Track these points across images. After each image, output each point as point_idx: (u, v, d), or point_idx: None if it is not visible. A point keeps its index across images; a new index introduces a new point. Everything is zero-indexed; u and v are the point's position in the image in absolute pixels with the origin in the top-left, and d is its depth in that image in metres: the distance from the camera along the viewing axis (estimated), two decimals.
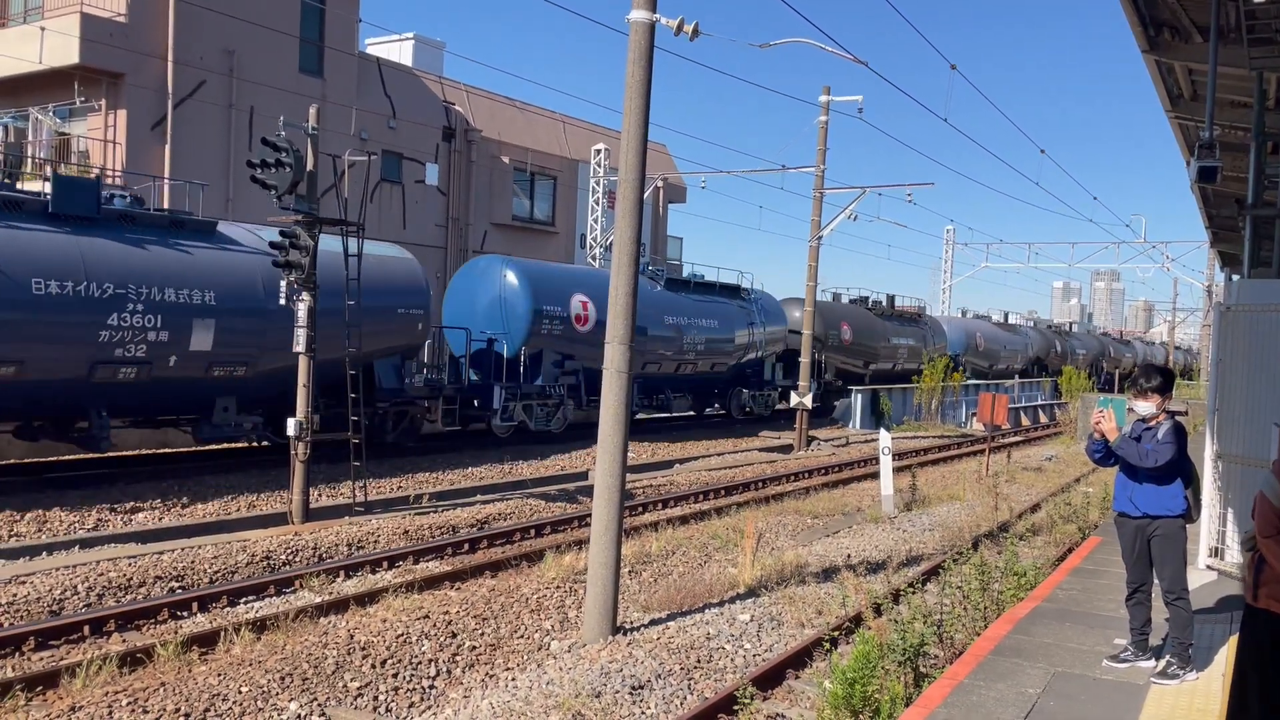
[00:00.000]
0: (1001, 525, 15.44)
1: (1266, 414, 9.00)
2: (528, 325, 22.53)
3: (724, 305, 29.33)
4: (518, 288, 22.62)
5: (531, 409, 22.81)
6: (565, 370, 23.61)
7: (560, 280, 24.04)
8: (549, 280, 23.56)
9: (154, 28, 22.12)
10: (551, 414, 23.29)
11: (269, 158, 13.90)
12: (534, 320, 22.59)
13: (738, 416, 30.48)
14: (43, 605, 10.03)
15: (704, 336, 27.82)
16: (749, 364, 30.44)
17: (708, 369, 28.65)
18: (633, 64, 9.58)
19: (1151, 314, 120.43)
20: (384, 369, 19.48)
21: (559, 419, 23.47)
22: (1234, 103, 14.21)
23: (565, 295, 23.63)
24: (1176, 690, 6.56)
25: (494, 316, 22.68)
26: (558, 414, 23.44)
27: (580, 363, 23.75)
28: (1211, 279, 50.89)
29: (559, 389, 23.37)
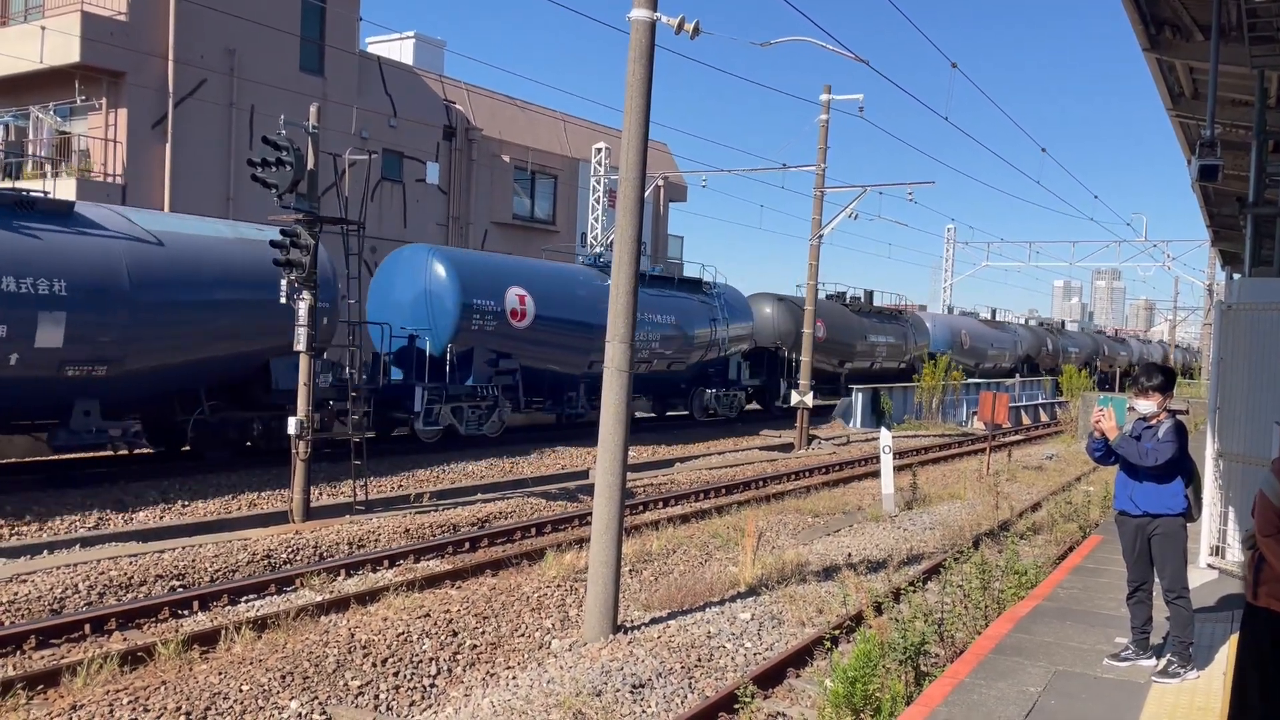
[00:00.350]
0: (1002, 524, 15.44)
1: (1267, 413, 8.99)
2: (456, 320, 20.79)
3: (683, 300, 27.69)
4: (445, 279, 20.77)
5: (461, 411, 20.99)
6: (500, 370, 21.92)
7: (494, 271, 22.27)
8: (481, 271, 21.82)
9: (155, 27, 22.12)
10: (484, 417, 21.50)
11: (270, 156, 13.90)
12: (463, 315, 20.89)
13: (700, 418, 29.22)
14: (44, 604, 10.04)
15: (660, 334, 26.06)
16: (712, 363, 29.14)
17: (664, 368, 26.89)
18: (633, 63, 9.58)
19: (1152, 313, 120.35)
20: (281, 368, 17.43)
21: (494, 422, 21.73)
22: (1235, 101, 14.19)
23: (500, 288, 21.90)
24: (1177, 689, 6.56)
25: (420, 311, 20.93)
26: (492, 417, 21.64)
27: (517, 361, 22.24)
28: (1212, 278, 50.88)
29: (493, 390, 21.65)
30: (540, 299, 22.67)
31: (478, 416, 21.38)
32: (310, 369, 14.58)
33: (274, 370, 17.47)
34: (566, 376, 23.97)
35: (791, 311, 32.54)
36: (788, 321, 32.50)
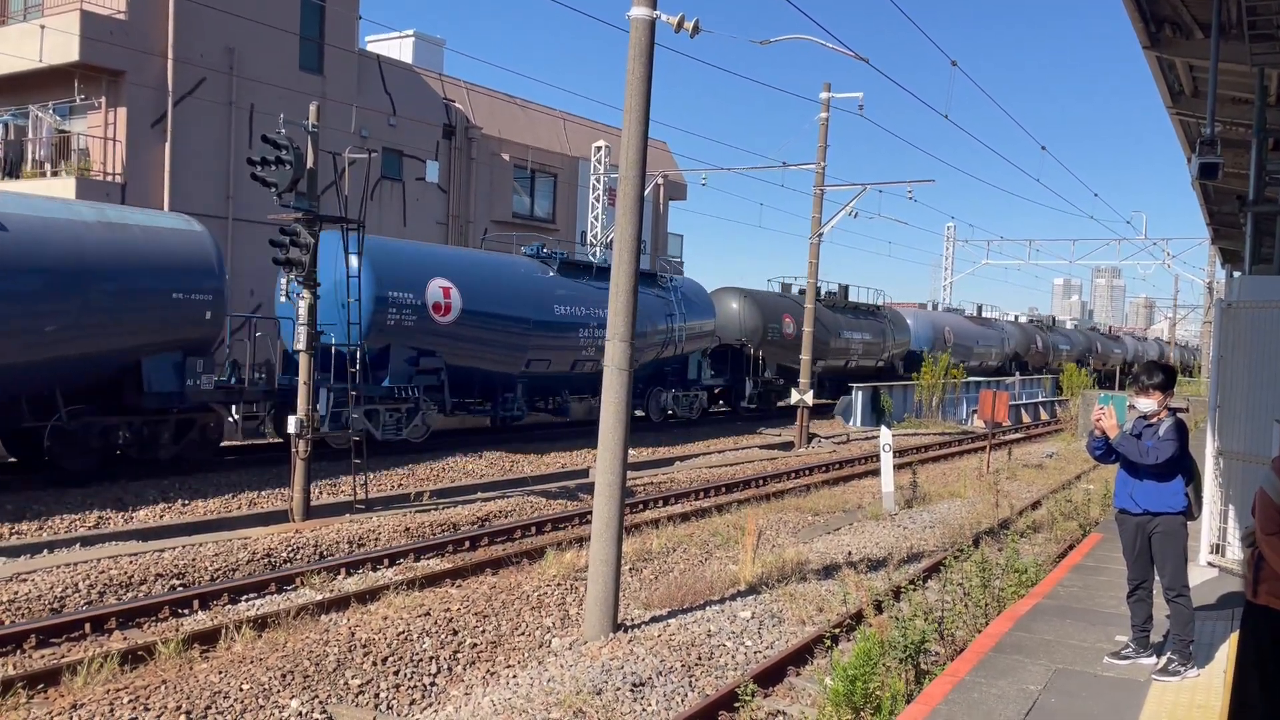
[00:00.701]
0: (1002, 522, 15.44)
1: (1267, 411, 8.99)
2: (369, 315, 18.77)
3: None
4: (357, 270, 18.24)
5: (377, 415, 19.04)
6: (422, 368, 20.06)
7: (415, 262, 20.34)
8: (400, 261, 19.92)
9: (154, 25, 22.10)
10: (404, 420, 19.63)
11: (269, 155, 13.89)
12: (377, 309, 19.06)
13: (656, 419, 27.46)
14: (44, 603, 10.04)
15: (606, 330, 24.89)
16: (669, 361, 27.36)
17: None
18: (633, 61, 9.57)
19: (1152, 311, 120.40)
20: (156, 368, 15.74)
21: (416, 426, 19.86)
22: (1235, 99, 14.19)
23: (421, 280, 20.04)
24: (1178, 687, 6.56)
25: (329, 304, 18.01)
26: (414, 420, 19.77)
27: (442, 359, 20.29)
28: (1212, 276, 50.85)
29: (413, 391, 19.76)
30: (469, 292, 20.82)
31: (396, 420, 19.43)
32: (309, 367, 14.57)
33: (145, 371, 15.64)
34: (501, 376, 22.31)
35: (759, 307, 31.19)
36: (754, 318, 31.06)
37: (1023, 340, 50.31)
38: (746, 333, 30.97)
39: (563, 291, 23.36)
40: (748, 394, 30.64)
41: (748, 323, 31.14)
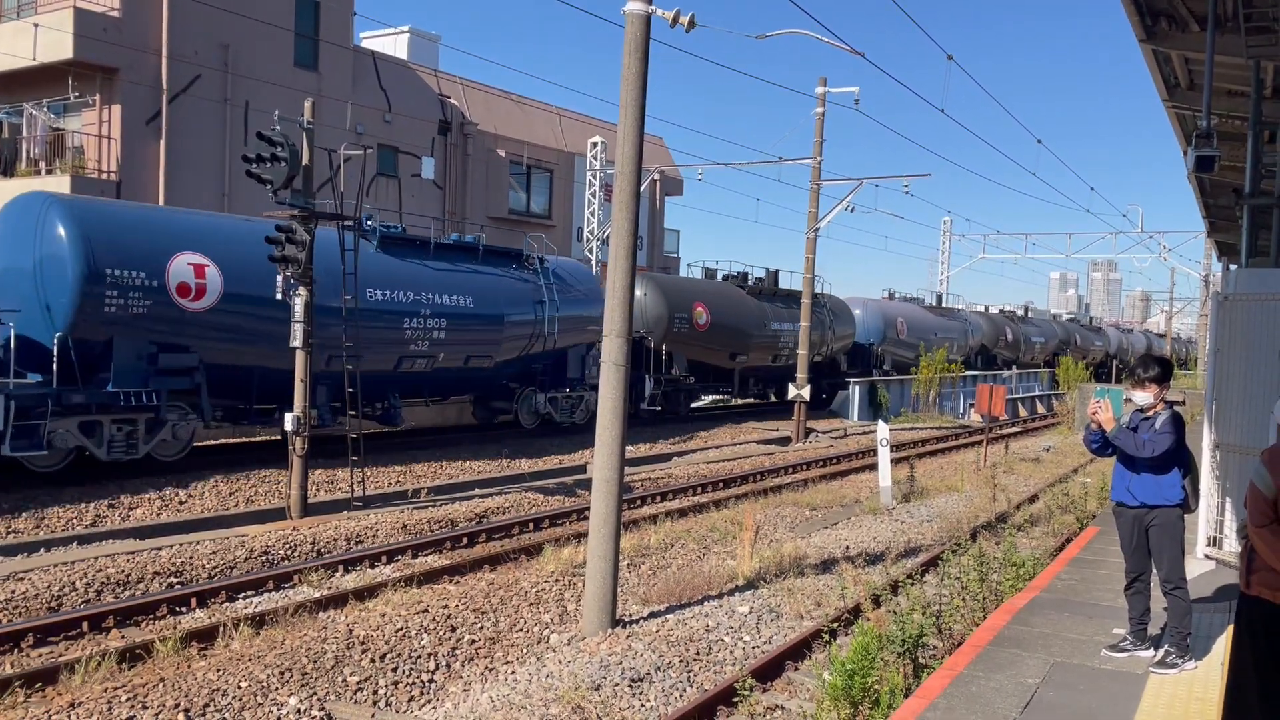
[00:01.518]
0: (1000, 516, 15.46)
1: (1264, 404, 8.99)
2: (73, 298, 14.54)
3: (488, 277, 21.10)
4: (64, 241, 14.60)
5: (97, 427, 14.92)
6: (165, 368, 15.65)
7: (151, 231, 15.66)
8: (126, 229, 15.34)
9: (148, 22, 22.04)
10: (142, 434, 15.47)
11: (264, 152, 13.86)
12: (87, 290, 14.59)
13: (528, 425, 22.88)
14: (41, 602, 10.03)
15: (445, 319, 19.62)
16: (540, 357, 22.69)
17: (459, 363, 20.45)
18: (629, 56, 9.56)
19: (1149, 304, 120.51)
20: None
21: (166, 441, 15.90)
22: (1231, 92, 14.18)
23: (159, 254, 15.47)
24: (1175, 679, 6.57)
25: (25, 285, 14.95)
26: (159, 434, 15.64)
27: (198, 356, 16.02)
28: (1209, 269, 50.87)
29: (153, 396, 15.43)
30: (233, 271, 16.24)
31: (126, 435, 15.30)
32: (306, 365, 14.55)
33: None
34: (282, 374, 16.58)
35: (664, 294, 27.11)
36: (659, 306, 26.85)
37: (990, 332, 46.93)
38: (650, 323, 26.66)
39: (383, 271, 18.55)
40: (647, 394, 26.21)
41: (652, 311, 26.72)
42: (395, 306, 18.75)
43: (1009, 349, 48.61)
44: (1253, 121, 12.50)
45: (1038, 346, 52.08)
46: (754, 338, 30.43)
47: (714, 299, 29.19)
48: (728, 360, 30.13)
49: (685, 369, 27.94)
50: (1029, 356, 50.73)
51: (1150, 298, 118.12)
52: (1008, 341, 48.51)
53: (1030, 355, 50.90)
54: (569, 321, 23.20)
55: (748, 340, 30.12)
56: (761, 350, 31.04)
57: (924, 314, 41.88)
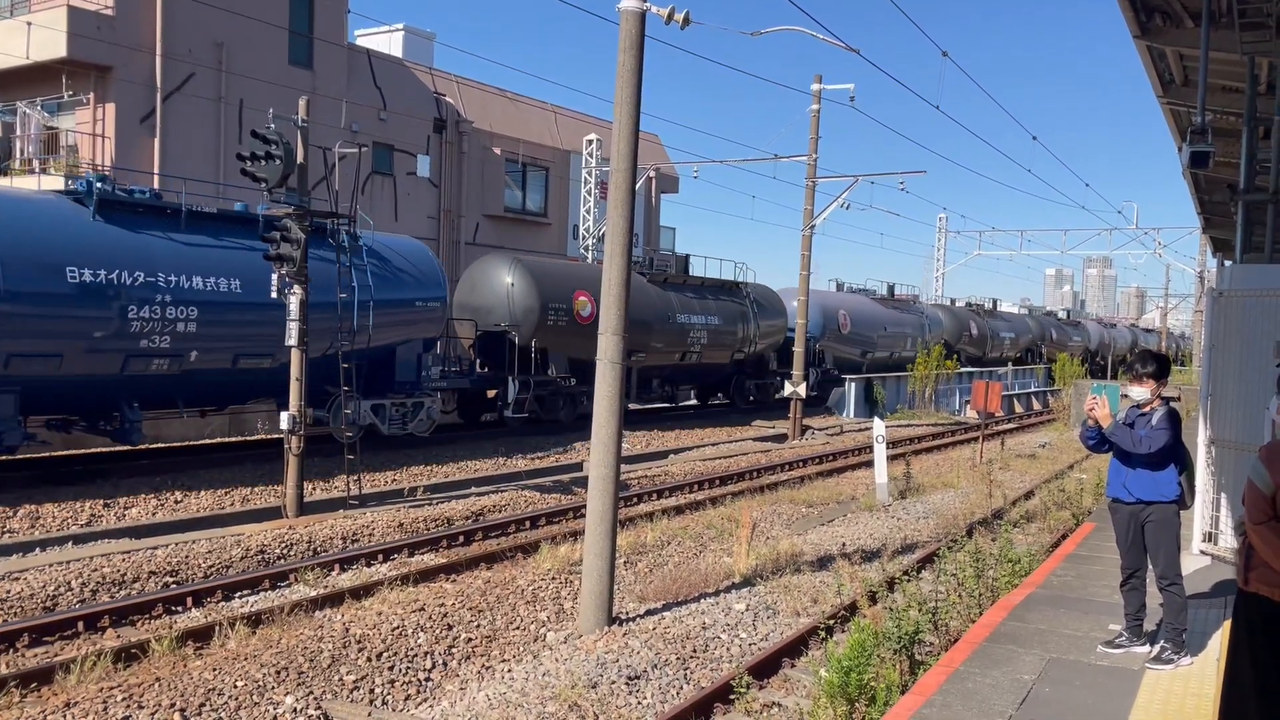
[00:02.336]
0: (996, 512, 15.48)
1: (1259, 399, 9.01)
2: None
3: (237, 256, 16.42)
4: None
5: None
6: None
7: None
8: None
9: (142, 20, 21.97)
10: None
11: (259, 150, 13.83)
12: None
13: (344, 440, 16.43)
14: (36, 602, 10.00)
15: (196, 310, 15.61)
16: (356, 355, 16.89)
17: (225, 364, 16.47)
18: (624, 53, 9.55)
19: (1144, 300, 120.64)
20: None
21: None
22: (1226, 88, 14.20)
23: None
24: (1171, 675, 6.58)
25: None
26: None
27: None
28: (1204, 265, 50.94)
29: None
30: None
31: None
32: (302, 363, 14.53)
33: None
34: None
35: (536, 282, 23.07)
36: (529, 296, 22.90)
37: (953, 327, 43.26)
38: (516, 315, 22.85)
39: (99, 245, 14.73)
40: (511, 398, 22.27)
41: (519, 302, 22.93)
42: (114, 290, 14.74)
43: (974, 345, 45.06)
44: (1247, 117, 12.52)
45: (1007, 343, 48.71)
46: (655, 332, 26.20)
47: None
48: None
49: (565, 368, 23.97)
50: (997, 354, 47.41)
51: (1145, 294, 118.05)
52: (972, 337, 44.96)
53: (999, 352, 47.53)
54: (399, 314, 19.12)
55: (646, 334, 25.62)
56: (666, 346, 26.88)
57: (874, 307, 37.97)
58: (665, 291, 26.97)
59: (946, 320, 43.36)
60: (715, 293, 29.17)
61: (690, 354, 28.04)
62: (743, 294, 30.31)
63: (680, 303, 27.28)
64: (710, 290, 28.98)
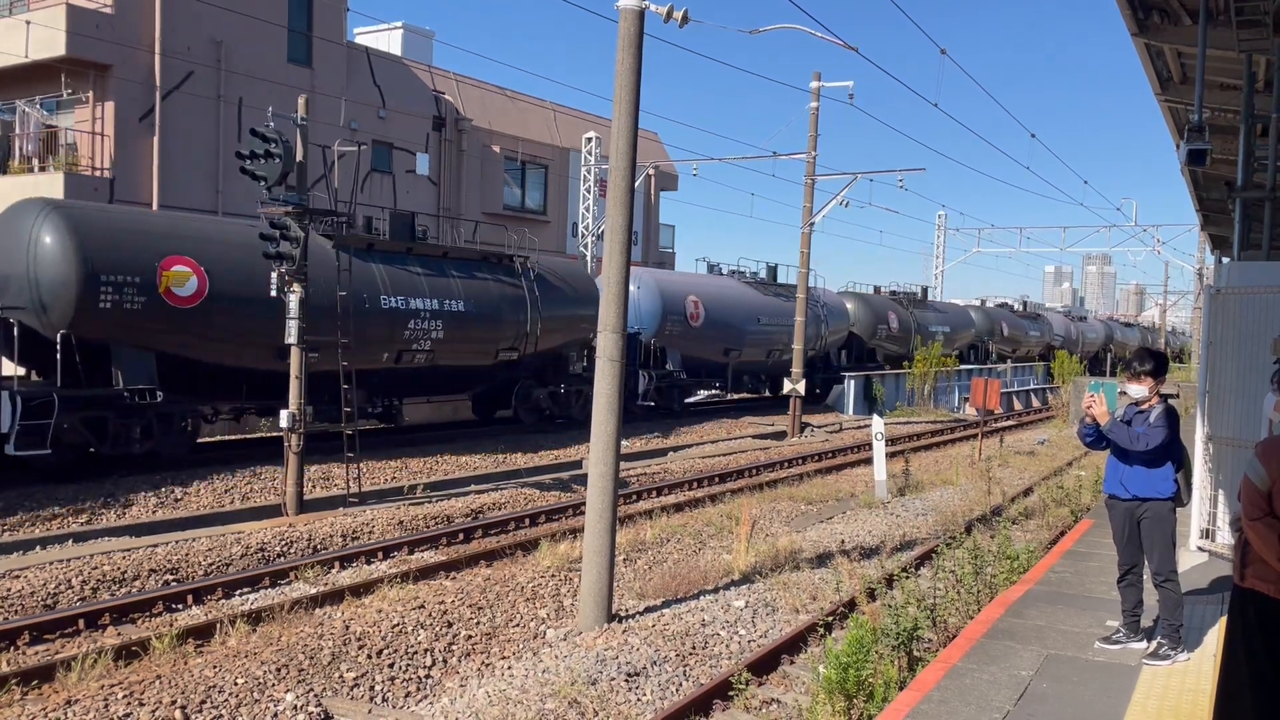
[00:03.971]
0: (994, 509, 15.51)
1: (1256, 396, 9.03)
2: None
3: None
4: None
5: None
6: None
7: None
8: None
9: (141, 19, 21.97)
10: None
11: (258, 149, 13.84)
12: None
13: None
14: (37, 600, 10.02)
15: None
16: None
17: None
18: (622, 51, 9.56)
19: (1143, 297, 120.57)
20: None
21: None
22: (1223, 85, 14.22)
23: None
24: (1168, 671, 6.61)
25: None
26: None
27: None
28: (1202, 262, 51.00)
29: None
30: None
31: None
32: (302, 361, 14.54)
33: None
34: None
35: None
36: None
37: (866, 320, 36.13)
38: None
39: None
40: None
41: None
42: None
43: (894, 341, 38.07)
44: (1245, 115, 12.54)
45: (941, 337, 40.92)
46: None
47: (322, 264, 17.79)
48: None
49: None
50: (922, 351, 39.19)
51: (1145, 291, 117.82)
52: (892, 331, 37.88)
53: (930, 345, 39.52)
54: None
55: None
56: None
57: (741, 292, 30.98)
58: (421, 276, 19.68)
59: (856, 310, 36.25)
60: (484, 270, 21.42)
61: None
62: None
63: (438, 286, 19.96)
64: (485, 269, 21.46)
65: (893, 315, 38.45)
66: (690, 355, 28.78)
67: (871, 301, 37.82)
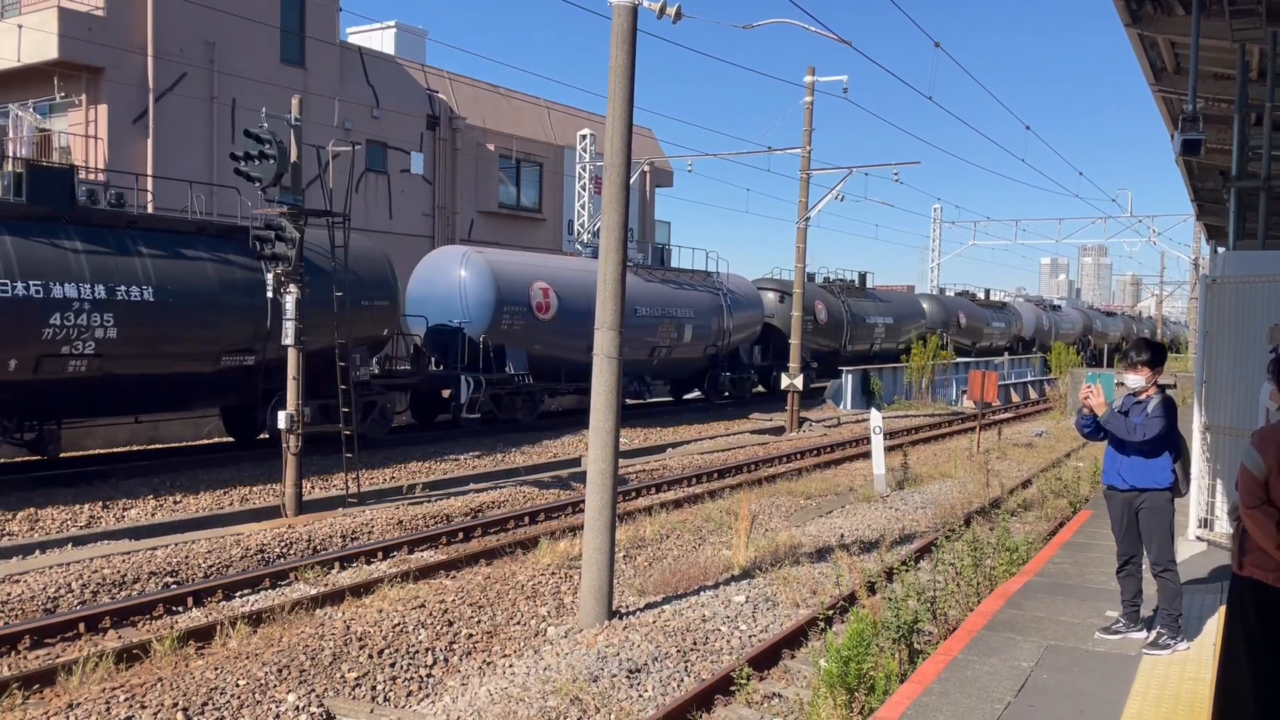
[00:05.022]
0: (993, 501, 15.53)
1: (1253, 385, 9.05)
2: None
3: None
4: None
5: None
6: None
7: None
8: None
9: (133, 21, 21.93)
10: None
11: (252, 150, 13.82)
12: None
13: None
14: (37, 604, 10.02)
15: None
16: None
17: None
18: (615, 47, 9.55)
19: (1140, 288, 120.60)
20: None
21: None
22: (1217, 75, 14.24)
23: None
24: (1168, 660, 6.62)
25: None
26: None
27: None
28: (1198, 252, 51.06)
29: None
30: None
31: None
32: (299, 363, 14.53)
33: None
34: None
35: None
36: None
37: (787, 310, 29.56)
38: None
39: None
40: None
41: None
42: None
43: (822, 334, 33.14)
44: (1239, 104, 12.55)
45: (881, 329, 36.73)
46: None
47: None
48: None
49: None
50: (862, 345, 35.56)
51: (1141, 282, 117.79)
52: (821, 323, 33.18)
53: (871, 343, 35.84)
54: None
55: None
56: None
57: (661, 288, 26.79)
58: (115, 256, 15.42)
59: (774, 300, 32.19)
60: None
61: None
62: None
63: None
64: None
65: (820, 305, 33.29)
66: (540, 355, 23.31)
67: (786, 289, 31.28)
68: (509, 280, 22.72)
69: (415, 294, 23.05)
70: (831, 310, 34.23)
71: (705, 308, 28.58)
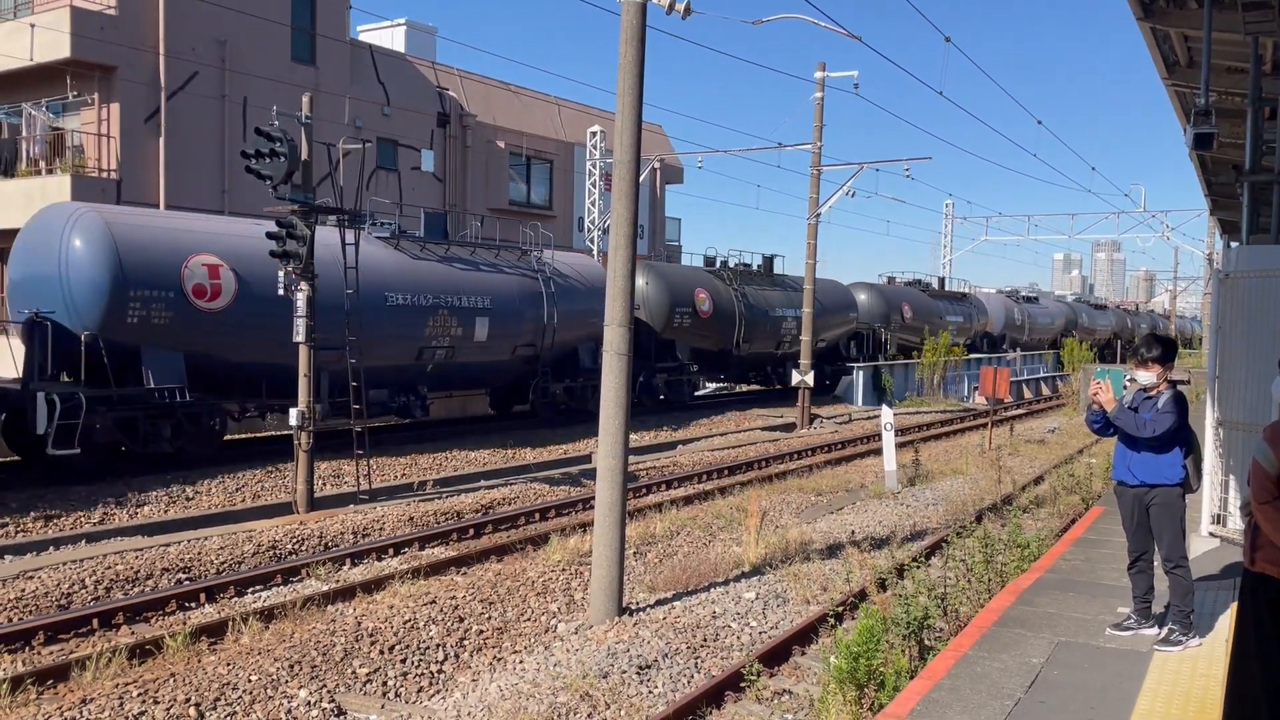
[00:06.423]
0: (1005, 498, 15.48)
1: (1266, 380, 8.99)
2: None
3: None
4: None
5: None
6: None
7: None
8: None
9: (144, 20, 22.02)
10: None
11: (263, 148, 13.86)
12: None
13: None
14: (51, 600, 10.09)
15: None
16: None
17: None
18: (625, 44, 9.55)
19: (1153, 283, 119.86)
20: None
21: None
22: (1230, 68, 14.14)
23: None
24: (1180, 656, 6.60)
25: None
26: None
27: None
28: (1211, 247, 50.72)
29: None
30: None
31: None
32: (310, 360, 14.58)
33: None
34: None
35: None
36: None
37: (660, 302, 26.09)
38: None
39: None
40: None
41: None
42: None
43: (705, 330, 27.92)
44: (1252, 98, 12.47)
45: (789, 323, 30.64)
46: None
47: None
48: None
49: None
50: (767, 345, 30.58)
51: (1155, 277, 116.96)
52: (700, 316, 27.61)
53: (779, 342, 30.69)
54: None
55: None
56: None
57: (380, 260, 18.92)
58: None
59: (650, 292, 26.20)
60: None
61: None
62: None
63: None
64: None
65: (702, 294, 27.74)
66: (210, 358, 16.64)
67: (670, 278, 27.10)
68: (144, 252, 15.83)
69: (16, 272, 16.36)
70: (720, 301, 28.38)
71: (512, 295, 21.67)
